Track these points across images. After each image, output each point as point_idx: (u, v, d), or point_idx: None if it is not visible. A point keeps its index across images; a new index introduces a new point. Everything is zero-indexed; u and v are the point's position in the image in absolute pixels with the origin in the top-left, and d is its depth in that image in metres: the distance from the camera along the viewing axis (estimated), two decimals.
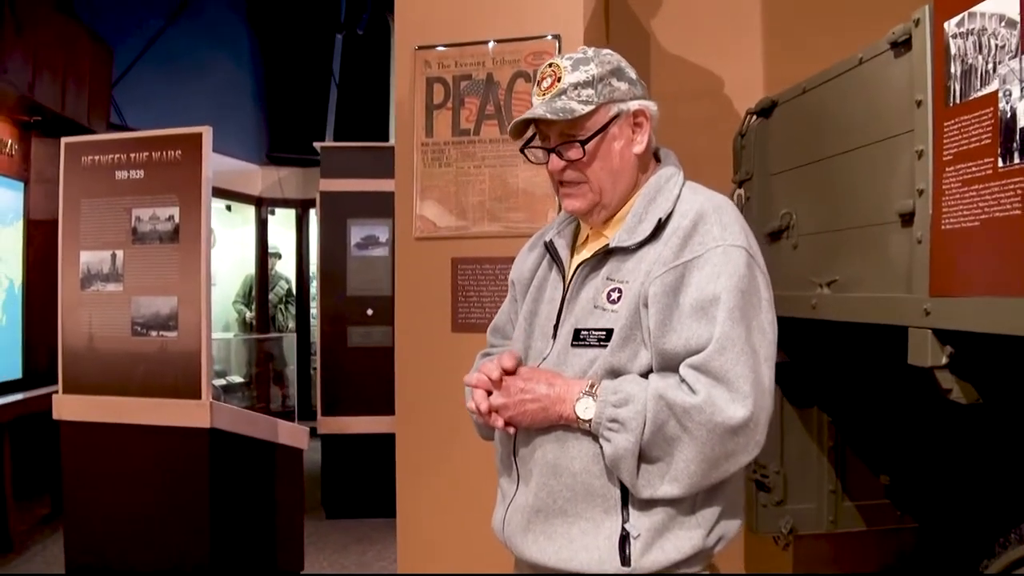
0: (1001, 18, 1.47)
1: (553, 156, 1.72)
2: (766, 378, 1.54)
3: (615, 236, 1.69)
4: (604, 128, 1.68)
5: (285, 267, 10.27)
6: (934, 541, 2.62)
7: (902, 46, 1.81)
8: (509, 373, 1.69)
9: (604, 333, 1.63)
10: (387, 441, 2.93)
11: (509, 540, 1.74)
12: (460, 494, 2.77)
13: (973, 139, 1.54)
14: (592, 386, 1.59)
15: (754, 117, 2.65)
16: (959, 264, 1.59)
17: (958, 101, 1.59)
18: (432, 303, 2.88)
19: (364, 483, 5.79)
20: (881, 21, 1.90)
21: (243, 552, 3.93)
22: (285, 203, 10.01)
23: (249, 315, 9.74)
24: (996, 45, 1.48)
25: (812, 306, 2.18)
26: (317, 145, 6.24)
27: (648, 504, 1.57)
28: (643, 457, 1.54)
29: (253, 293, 9.76)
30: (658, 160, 1.82)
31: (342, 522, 5.80)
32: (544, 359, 1.72)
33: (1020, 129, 1.42)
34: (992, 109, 1.48)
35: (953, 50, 1.60)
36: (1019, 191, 1.41)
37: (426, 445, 2.87)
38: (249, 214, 9.88)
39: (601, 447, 1.58)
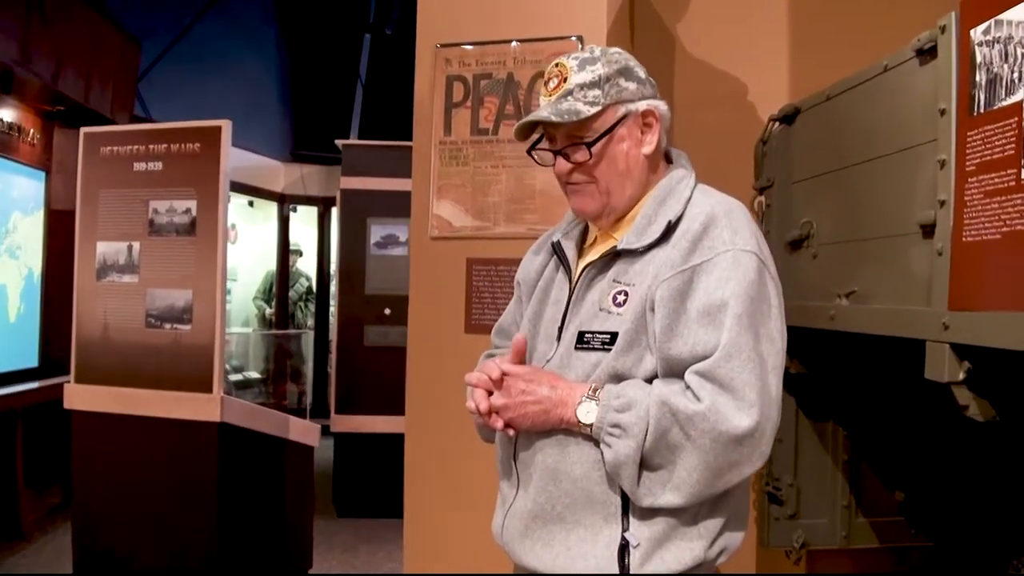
0: None
1: (559, 159, 1.70)
2: (773, 387, 1.50)
3: (623, 238, 1.65)
4: (611, 129, 1.65)
5: (306, 264, 10.28)
6: (948, 561, 2.57)
7: (927, 54, 1.76)
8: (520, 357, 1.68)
9: (608, 336, 1.59)
10: (400, 441, 2.92)
11: (507, 546, 1.71)
12: (468, 495, 2.75)
13: (996, 150, 1.49)
14: (595, 390, 1.55)
15: (777, 124, 2.61)
16: (979, 277, 1.55)
17: (982, 110, 1.54)
18: (446, 303, 2.86)
19: (376, 483, 5.75)
20: (910, 29, 1.85)
21: (251, 547, 3.93)
22: (307, 200, 10.03)
23: (269, 311, 9.77)
24: (1022, 54, 1.44)
25: (830, 317, 2.13)
26: (339, 143, 6.23)
27: (649, 513, 1.53)
28: (645, 464, 1.50)
29: (274, 290, 9.78)
30: (669, 161, 1.78)
31: (353, 521, 5.79)
32: (548, 361, 1.68)
33: None
34: (1016, 119, 1.44)
35: (979, 58, 1.56)
36: None
37: (435, 445, 2.85)
38: (271, 211, 9.91)
39: (602, 452, 1.54)
